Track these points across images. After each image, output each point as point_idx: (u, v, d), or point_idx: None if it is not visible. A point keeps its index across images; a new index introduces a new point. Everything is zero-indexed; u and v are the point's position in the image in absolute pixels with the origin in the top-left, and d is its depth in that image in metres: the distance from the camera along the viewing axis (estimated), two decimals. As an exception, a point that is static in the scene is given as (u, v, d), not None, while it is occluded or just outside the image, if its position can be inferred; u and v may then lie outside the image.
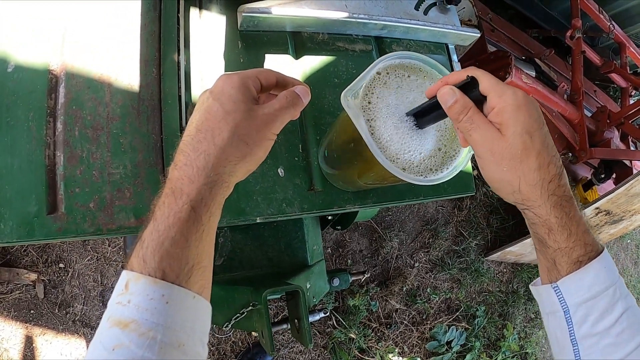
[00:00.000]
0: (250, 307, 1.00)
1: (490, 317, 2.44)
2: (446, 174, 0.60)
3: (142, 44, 0.82)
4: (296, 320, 1.01)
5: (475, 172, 2.49)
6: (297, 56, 0.91)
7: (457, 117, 0.52)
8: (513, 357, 2.44)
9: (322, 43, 0.94)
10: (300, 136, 0.85)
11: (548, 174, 0.51)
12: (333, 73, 0.91)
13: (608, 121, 2.15)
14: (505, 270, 2.59)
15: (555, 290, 0.53)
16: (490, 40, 2.18)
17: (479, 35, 1.03)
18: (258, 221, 0.77)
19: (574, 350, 0.52)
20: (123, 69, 0.80)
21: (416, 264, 2.37)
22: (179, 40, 0.83)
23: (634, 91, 2.41)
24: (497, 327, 2.46)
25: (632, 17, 2.58)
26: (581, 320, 0.51)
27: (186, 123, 0.78)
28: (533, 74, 2.22)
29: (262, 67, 0.88)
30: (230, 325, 1.08)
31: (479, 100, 0.51)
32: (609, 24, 2.25)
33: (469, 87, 0.51)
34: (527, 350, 2.49)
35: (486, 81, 0.51)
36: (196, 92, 0.83)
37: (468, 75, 0.51)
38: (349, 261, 2.25)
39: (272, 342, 0.88)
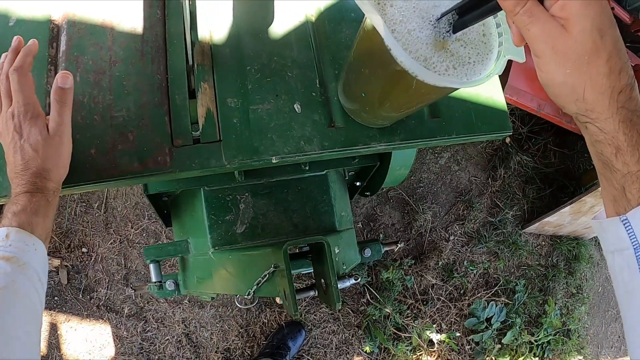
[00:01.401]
0: (272, 269, 0.94)
1: (530, 292, 2.31)
2: (484, 76, 0.52)
3: None
4: (323, 281, 0.94)
5: (508, 139, 2.37)
6: (309, -9, 0.84)
7: (513, 9, 0.43)
8: (555, 334, 2.30)
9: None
10: (316, 71, 0.78)
11: (619, 82, 0.43)
12: (350, 7, 0.83)
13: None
14: (543, 243, 2.45)
15: (624, 224, 0.45)
16: None
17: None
18: (274, 161, 0.71)
19: None
20: (126, 12, 0.77)
21: (451, 237, 2.27)
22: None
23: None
24: (537, 303, 2.33)
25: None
26: None
27: (193, 62, 0.73)
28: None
29: (272, 7, 0.82)
30: (252, 293, 1.03)
31: None
32: None
33: None
34: (569, 327, 2.35)
35: None
36: (202, 31, 0.78)
37: None
38: (381, 235, 2.17)
39: (294, 301, 0.82)
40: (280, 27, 0.80)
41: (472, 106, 0.80)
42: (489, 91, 0.82)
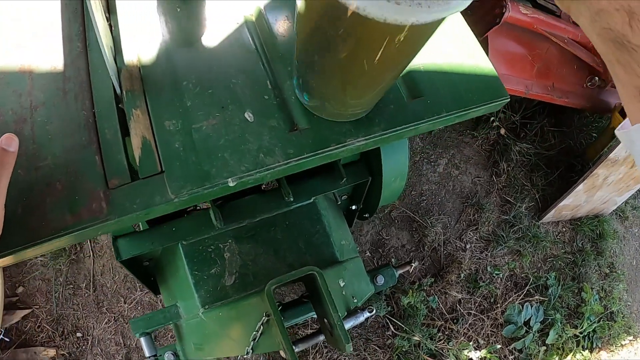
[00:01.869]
0: (265, 317, 0.79)
1: (563, 283, 2.14)
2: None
3: (64, 23, 0.71)
4: (326, 321, 0.79)
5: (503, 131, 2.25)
6: (244, -9, 0.74)
7: None
8: (599, 320, 2.12)
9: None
10: (265, 72, 0.66)
11: None
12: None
13: None
14: (564, 229, 2.29)
15: None
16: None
17: None
18: (232, 184, 0.58)
19: None
20: (45, 53, 0.68)
21: (468, 246, 2.11)
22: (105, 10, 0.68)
23: None
24: (573, 293, 2.15)
25: None
26: None
27: (121, 90, 0.62)
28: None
29: (203, 14, 0.71)
30: (251, 351, 0.87)
31: None
32: None
33: None
34: (611, 310, 2.17)
35: None
36: (128, 54, 0.66)
37: None
38: (393, 260, 2.01)
39: (292, 351, 0.67)
40: (215, 33, 0.69)
41: (457, 78, 0.68)
42: (472, 57, 0.70)
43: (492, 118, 2.23)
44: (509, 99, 0.67)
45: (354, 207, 1.27)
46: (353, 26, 0.41)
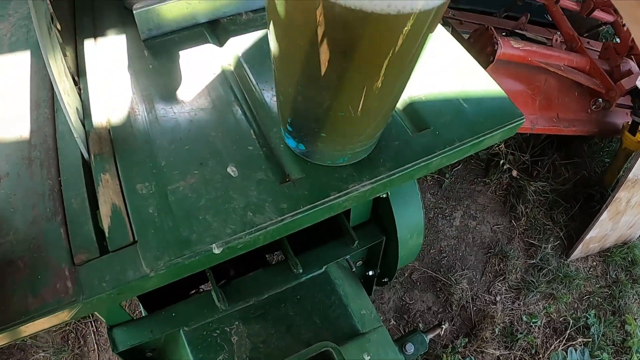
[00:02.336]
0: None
1: (604, 319, 1.98)
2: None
3: (33, 90, 0.67)
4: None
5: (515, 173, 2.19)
6: (220, 43, 0.70)
7: None
8: (649, 351, 1.93)
9: (249, 22, 0.72)
10: (248, 121, 0.59)
11: None
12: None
13: (618, 54, 1.98)
14: (595, 263, 2.17)
15: None
16: (462, 32, 2.05)
17: None
18: (216, 251, 0.49)
19: None
20: (11, 120, 0.64)
21: (498, 298, 1.97)
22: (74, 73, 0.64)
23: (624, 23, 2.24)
24: (617, 328, 1.99)
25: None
26: None
27: (89, 153, 0.55)
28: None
29: (177, 69, 0.66)
30: None
31: None
32: None
33: None
34: (660, 336, 1.98)
35: None
36: (97, 117, 0.60)
37: None
38: (420, 325, 1.88)
39: None
40: (191, 86, 0.64)
41: (465, 104, 0.61)
42: (476, 82, 0.64)
43: (501, 161, 2.18)
44: (524, 119, 0.59)
45: (371, 273, 1.18)
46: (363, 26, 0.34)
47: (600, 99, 1.89)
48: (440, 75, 0.64)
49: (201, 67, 0.66)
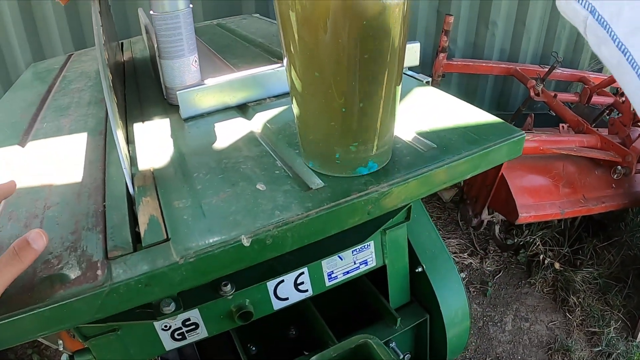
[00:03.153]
0: None
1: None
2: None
3: (88, 152, 0.77)
4: None
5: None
6: (249, 118, 0.82)
7: None
8: None
9: (272, 104, 0.86)
10: (273, 157, 0.67)
11: None
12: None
13: (624, 126, 2.02)
14: (662, 337, 1.91)
15: None
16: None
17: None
18: (245, 243, 0.51)
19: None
20: (66, 173, 0.71)
21: (573, 390, 1.72)
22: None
23: (622, 97, 2.32)
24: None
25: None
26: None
27: (133, 188, 0.62)
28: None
29: (213, 133, 0.77)
30: None
31: None
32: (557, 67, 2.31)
33: None
34: None
35: None
36: (143, 164, 0.69)
37: None
38: None
39: None
40: (224, 141, 0.74)
41: (465, 127, 0.69)
42: (477, 116, 0.72)
43: (542, 256, 2.13)
44: (524, 135, 0.64)
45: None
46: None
47: (619, 167, 1.88)
48: (442, 115, 0.73)
49: (233, 131, 0.77)
